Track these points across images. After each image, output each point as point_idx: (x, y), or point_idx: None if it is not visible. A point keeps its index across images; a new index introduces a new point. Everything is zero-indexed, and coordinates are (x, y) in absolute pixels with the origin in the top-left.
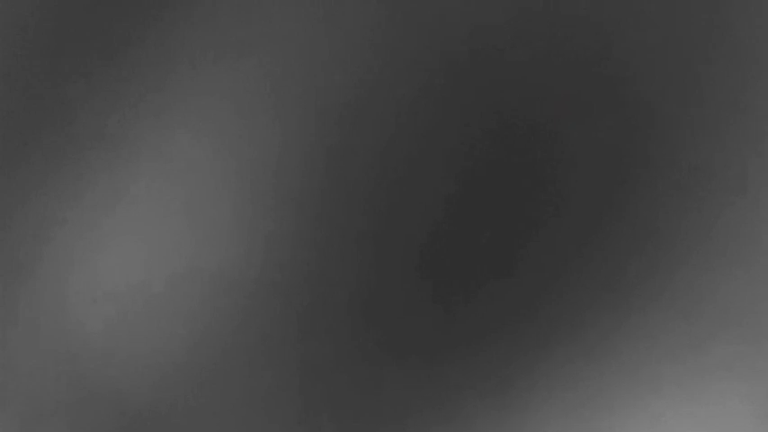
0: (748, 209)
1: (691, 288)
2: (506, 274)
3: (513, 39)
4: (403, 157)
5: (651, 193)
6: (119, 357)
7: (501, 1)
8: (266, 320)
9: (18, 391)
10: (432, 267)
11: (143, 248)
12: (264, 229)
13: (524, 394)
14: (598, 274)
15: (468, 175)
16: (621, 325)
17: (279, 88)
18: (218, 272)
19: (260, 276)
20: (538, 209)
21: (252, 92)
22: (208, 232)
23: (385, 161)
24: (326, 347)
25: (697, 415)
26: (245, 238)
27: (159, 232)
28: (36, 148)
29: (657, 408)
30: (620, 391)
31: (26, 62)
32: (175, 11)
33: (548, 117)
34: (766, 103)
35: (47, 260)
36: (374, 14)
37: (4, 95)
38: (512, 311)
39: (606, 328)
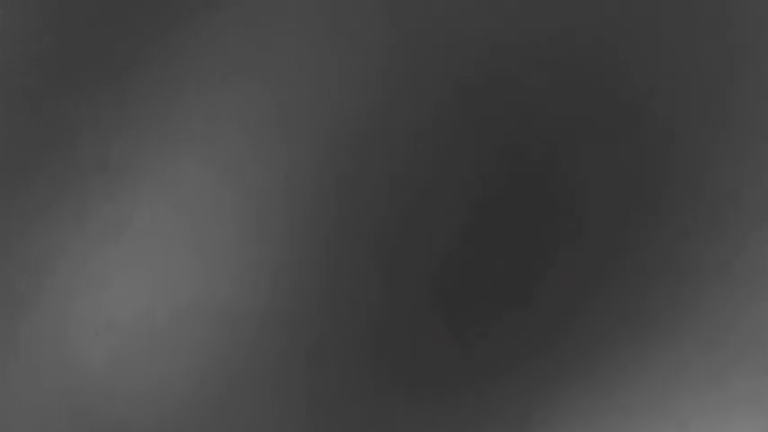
0: None
1: (713, 318)
2: (522, 305)
3: (528, 62)
4: (415, 184)
5: (672, 220)
6: (122, 391)
7: (516, 23)
8: (274, 353)
9: (19, 425)
10: (445, 298)
11: (147, 279)
12: (272, 258)
13: (541, 429)
14: (617, 304)
15: (483, 202)
16: (641, 357)
17: (287, 113)
18: (224, 303)
19: (267, 307)
20: (554, 237)
21: (260, 117)
22: (214, 262)
23: (396, 188)
24: (336, 381)
25: None
26: (252, 268)
27: (164, 262)
28: (37, 176)
29: None
30: (640, 425)
31: (27, 86)
32: (181, 33)
33: (564, 142)
34: None
35: (48, 291)
36: (385, 37)
37: (4, 120)
38: (528, 343)
39: (625, 360)
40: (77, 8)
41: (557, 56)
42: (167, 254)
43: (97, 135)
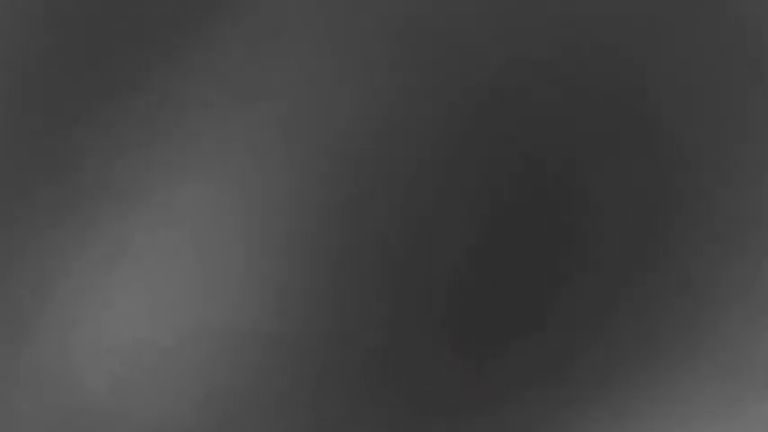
0: None
1: (730, 344)
2: (535, 329)
3: (540, 77)
4: (423, 204)
5: (687, 243)
6: (125, 416)
7: (528, 36)
8: (279, 377)
9: None
10: (454, 321)
11: (150, 302)
12: (278, 281)
13: None
14: (632, 328)
15: (493, 223)
16: (656, 383)
17: (292, 133)
18: (229, 326)
19: (273, 330)
20: (567, 259)
21: (264, 137)
22: (218, 285)
23: (404, 208)
24: (343, 406)
25: None
26: (257, 291)
27: (167, 285)
28: (39, 198)
29: None
30: None
31: (29, 107)
32: (185, 53)
33: (577, 161)
34: None
35: (50, 315)
36: (393, 54)
37: (5, 142)
38: (541, 369)
39: (640, 386)
40: (80, 27)
41: (570, 69)
42: (171, 276)
43: (100, 156)
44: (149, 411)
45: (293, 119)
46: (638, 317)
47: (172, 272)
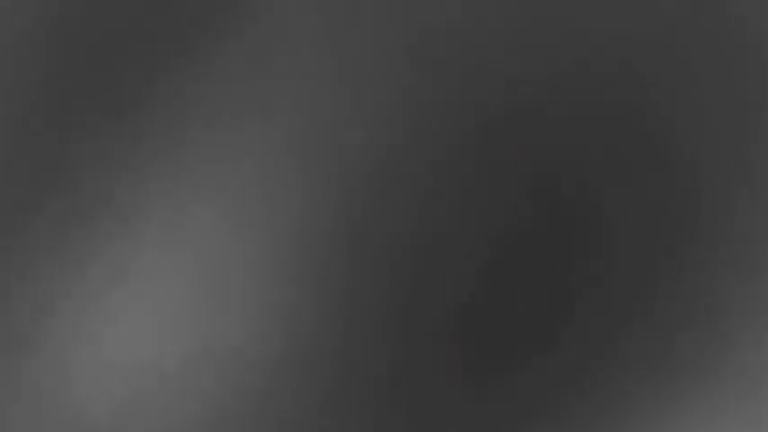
0: None
1: (746, 366)
2: (546, 350)
3: (551, 93)
4: (433, 222)
5: (701, 261)
6: None
7: (538, 52)
8: (287, 400)
9: None
10: (465, 341)
11: (154, 323)
12: (285, 301)
13: None
14: (645, 350)
15: (504, 239)
16: (670, 405)
17: (301, 150)
18: (235, 348)
19: (280, 352)
20: (579, 278)
21: (272, 154)
22: (224, 305)
23: (414, 226)
24: (351, 429)
25: None
26: (264, 312)
27: (171, 305)
28: (39, 215)
29: None
30: None
31: (28, 122)
32: (190, 66)
33: (589, 177)
34: None
35: (50, 335)
36: (402, 68)
37: (4, 158)
38: (552, 391)
39: (654, 408)
40: (80, 42)
41: (582, 85)
42: (175, 297)
43: (101, 174)
44: None
45: (300, 135)
46: (650, 338)
47: (176, 293)
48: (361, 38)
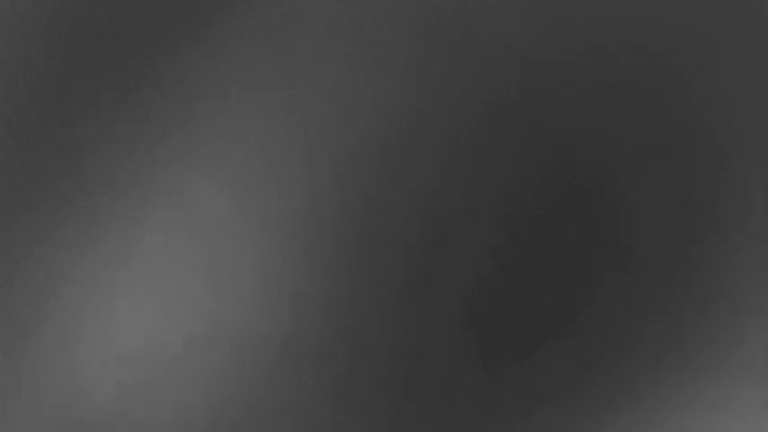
0: None
1: (762, 350)
2: (563, 336)
3: (571, 77)
4: (446, 208)
5: (721, 246)
6: (132, 426)
7: (558, 35)
8: (295, 385)
9: None
10: (479, 329)
11: (159, 306)
12: (293, 286)
13: None
14: (662, 335)
15: (520, 226)
16: (688, 390)
17: (309, 132)
18: (241, 333)
19: (288, 336)
20: (598, 264)
21: (281, 135)
22: (230, 289)
23: (427, 212)
24: (361, 419)
25: None
26: (271, 296)
27: (176, 288)
28: (41, 197)
29: None
30: None
31: (31, 103)
32: (195, 46)
33: (609, 163)
34: None
35: (53, 320)
36: (416, 53)
37: (6, 140)
38: (568, 377)
39: (671, 392)
40: (84, 20)
41: (603, 70)
42: (180, 279)
43: (105, 154)
44: (158, 422)
45: (310, 117)
46: (668, 323)
47: (181, 275)
48: (378, 19)
